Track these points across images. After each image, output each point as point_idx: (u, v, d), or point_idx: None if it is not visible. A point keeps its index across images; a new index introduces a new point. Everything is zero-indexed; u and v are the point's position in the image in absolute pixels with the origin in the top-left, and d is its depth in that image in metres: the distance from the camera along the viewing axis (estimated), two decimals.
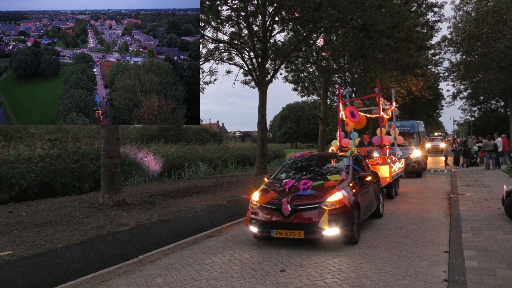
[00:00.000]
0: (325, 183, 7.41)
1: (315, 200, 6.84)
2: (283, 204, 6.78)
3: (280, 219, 6.80)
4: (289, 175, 8.38)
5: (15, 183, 12.54)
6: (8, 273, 5.58)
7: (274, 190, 7.46)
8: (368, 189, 8.37)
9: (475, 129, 50.99)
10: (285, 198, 6.91)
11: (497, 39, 29.27)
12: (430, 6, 23.94)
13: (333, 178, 7.61)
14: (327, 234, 6.64)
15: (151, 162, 19.68)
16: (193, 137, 32.76)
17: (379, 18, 17.18)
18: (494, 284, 4.89)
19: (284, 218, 6.76)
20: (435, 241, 7.30)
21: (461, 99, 44.34)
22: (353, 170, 8.11)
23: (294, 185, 7.41)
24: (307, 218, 6.67)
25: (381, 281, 5.26)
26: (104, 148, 11.02)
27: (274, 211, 6.91)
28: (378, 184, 9.72)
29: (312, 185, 7.29)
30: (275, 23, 20.30)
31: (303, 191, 7.09)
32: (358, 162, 9.01)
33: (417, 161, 19.04)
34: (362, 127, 13.45)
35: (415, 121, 22.10)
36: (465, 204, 10.65)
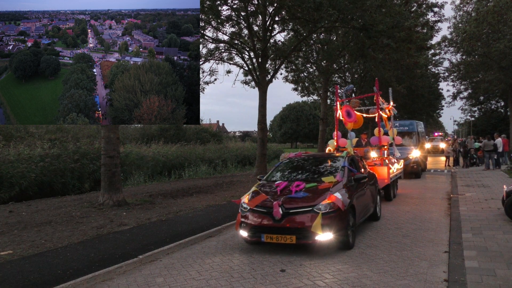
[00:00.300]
0: (319, 185, 7.03)
1: (308, 203, 6.49)
2: (274, 207, 6.43)
3: (271, 223, 6.44)
4: (282, 176, 8.04)
5: (15, 182, 12.55)
6: (8, 272, 5.58)
7: (265, 192, 7.06)
8: (364, 191, 8.06)
9: (475, 129, 51.04)
10: (277, 200, 6.56)
11: (497, 39, 29.29)
12: (430, 6, 23.97)
13: (327, 179, 7.21)
14: (320, 239, 6.32)
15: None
16: (193, 137, 32.77)
17: (379, 18, 17.18)
18: (494, 284, 4.89)
19: (275, 222, 6.40)
20: (435, 241, 7.30)
21: (461, 99, 44.42)
22: (348, 172, 7.73)
23: (287, 187, 7.03)
24: (299, 222, 6.33)
25: (381, 281, 5.26)
26: (104, 147, 11.02)
27: (265, 214, 6.56)
28: (375, 186, 9.43)
29: (306, 187, 6.92)
30: (275, 23, 20.30)
31: (295, 193, 6.72)
32: (354, 163, 8.66)
33: (416, 162, 18.70)
34: (359, 126, 13.24)
35: (414, 121, 21.75)
36: (465, 204, 10.65)
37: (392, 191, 12.32)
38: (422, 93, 38.99)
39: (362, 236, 7.78)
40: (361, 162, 9.38)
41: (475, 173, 19.73)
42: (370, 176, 9.08)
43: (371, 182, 8.90)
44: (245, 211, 6.85)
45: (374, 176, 9.81)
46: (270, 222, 6.45)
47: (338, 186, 7.04)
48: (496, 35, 29.51)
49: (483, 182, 15.55)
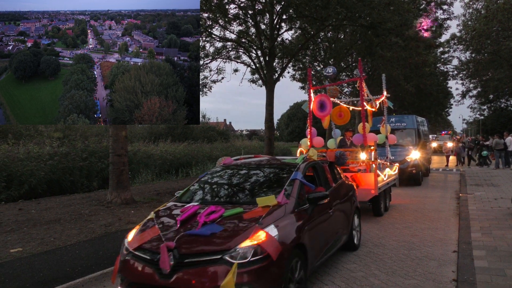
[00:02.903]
0: (247, 212, 4.45)
1: (217, 247, 3.87)
2: (161, 253, 3.85)
3: (155, 279, 3.82)
4: (203, 194, 5.50)
5: (25, 180, 12.65)
6: (18, 270, 5.64)
7: (161, 223, 4.51)
8: (327, 215, 5.51)
9: (485, 127, 50.51)
10: (168, 241, 3.98)
11: (507, 37, 29.01)
12: (439, 4, 23.77)
13: (263, 202, 4.58)
14: None
15: None
16: (200, 136, 32.84)
17: (387, 16, 17.08)
18: (503, 284, 4.84)
19: (162, 279, 3.78)
20: (444, 240, 7.24)
21: (470, 97, 44.07)
22: (300, 188, 5.08)
23: (193, 216, 4.43)
24: (199, 281, 3.69)
25: (389, 281, 5.24)
26: (112, 146, 11.08)
27: (149, 264, 3.94)
28: (352, 203, 6.83)
29: (223, 215, 4.35)
30: (283, 22, 20.26)
31: (202, 227, 4.13)
32: (317, 173, 6.13)
33: (415, 165, 15.52)
34: (345, 122, 11.45)
35: (413, 115, 18.24)
36: (474, 203, 10.56)
37: (382, 204, 9.88)
38: (430, 91, 38.71)
39: (369, 235, 7.74)
40: (329, 171, 6.71)
41: (484, 172, 19.55)
42: (341, 190, 6.60)
43: (343, 199, 6.40)
44: (125, 255, 4.24)
45: (351, 188, 7.13)
46: (155, 278, 3.83)
47: (277, 213, 4.46)
48: (506, 33, 29.24)
49: (492, 181, 15.40)
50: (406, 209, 10.57)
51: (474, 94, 43.36)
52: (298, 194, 4.96)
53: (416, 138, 16.82)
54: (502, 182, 14.81)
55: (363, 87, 9.67)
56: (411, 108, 39.09)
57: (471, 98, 44.67)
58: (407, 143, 16.48)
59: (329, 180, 6.38)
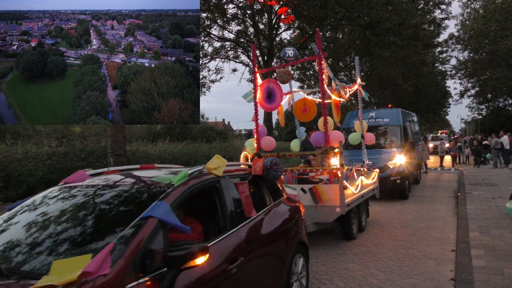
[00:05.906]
0: None
1: None
2: None
3: None
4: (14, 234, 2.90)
5: (23, 180, 12.61)
6: None
7: None
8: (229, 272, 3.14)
9: (483, 127, 50.66)
10: None
11: (505, 37, 29.07)
12: (437, 3, 23.81)
13: (58, 273, 2.10)
14: None
15: None
16: (198, 135, 32.79)
17: (385, 16, 17.12)
18: (501, 283, 4.86)
19: None
20: (442, 239, 7.26)
21: (468, 97, 44.16)
22: (154, 237, 2.57)
23: None
24: None
25: (388, 280, 5.25)
26: (111, 146, 11.06)
27: None
28: (290, 237, 4.39)
29: None
30: (281, 21, 20.29)
31: None
32: (221, 197, 3.58)
33: (400, 173, 11.75)
34: (310, 119, 8.72)
35: (399, 109, 14.51)
36: (473, 202, 10.58)
37: (356, 223, 7.62)
38: (428, 91, 38.77)
39: (368, 234, 7.75)
40: (251, 191, 4.12)
41: (483, 171, 19.58)
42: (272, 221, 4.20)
43: (272, 237, 4.06)
44: None
45: (293, 215, 4.70)
46: None
47: None
48: (504, 33, 29.29)
49: (491, 180, 15.44)
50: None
51: (472, 93, 43.49)
52: (145, 252, 2.47)
53: (402, 137, 13.04)
54: (500, 182, 14.84)
55: (323, 68, 7.16)
56: (409, 108, 39.08)
57: (469, 98, 44.86)
58: (390, 144, 12.93)
59: (246, 208, 3.79)
